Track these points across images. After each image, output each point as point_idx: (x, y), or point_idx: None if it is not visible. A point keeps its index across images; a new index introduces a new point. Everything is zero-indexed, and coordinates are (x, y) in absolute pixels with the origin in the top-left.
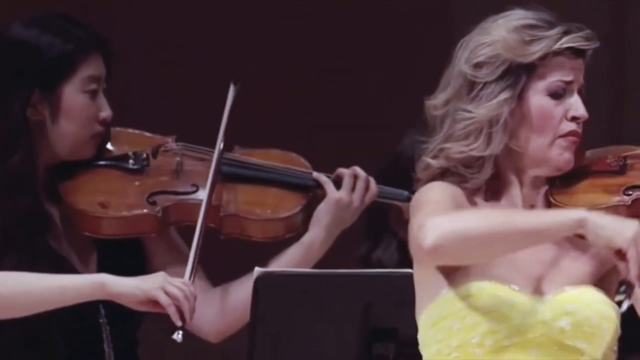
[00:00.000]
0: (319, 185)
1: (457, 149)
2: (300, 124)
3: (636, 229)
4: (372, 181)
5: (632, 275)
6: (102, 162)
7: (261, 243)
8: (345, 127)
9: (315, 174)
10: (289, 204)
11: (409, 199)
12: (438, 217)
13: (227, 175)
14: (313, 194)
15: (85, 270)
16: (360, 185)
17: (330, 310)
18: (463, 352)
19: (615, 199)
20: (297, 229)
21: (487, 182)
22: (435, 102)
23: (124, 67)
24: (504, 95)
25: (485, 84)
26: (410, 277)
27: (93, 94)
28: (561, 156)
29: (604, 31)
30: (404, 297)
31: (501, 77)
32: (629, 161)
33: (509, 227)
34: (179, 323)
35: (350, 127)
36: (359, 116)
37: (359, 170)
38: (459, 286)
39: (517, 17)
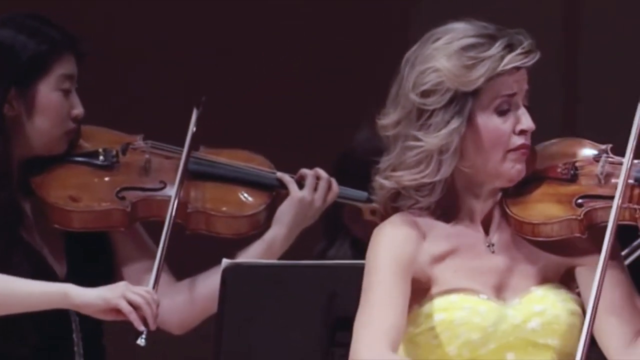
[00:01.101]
0: (282, 185)
1: (409, 177)
2: (300, 124)
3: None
4: (334, 182)
5: None
6: (73, 158)
7: (226, 239)
8: (344, 127)
9: (279, 174)
10: (254, 202)
11: (369, 200)
12: (373, 356)
13: (195, 173)
14: (277, 193)
15: (57, 263)
16: (322, 185)
17: (295, 299)
18: None
19: (569, 214)
20: (260, 226)
21: (441, 200)
22: (386, 123)
23: (126, 67)
24: (454, 124)
25: (433, 111)
26: None
27: (66, 92)
28: (513, 169)
29: (557, 37)
30: None
31: (449, 104)
32: (579, 170)
33: None
34: (141, 328)
35: (350, 127)
36: (359, 116)
37: (321, 171)
38: (430, 301)
39: (456, 36)
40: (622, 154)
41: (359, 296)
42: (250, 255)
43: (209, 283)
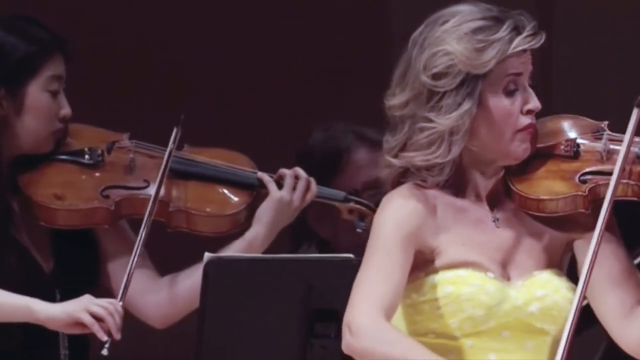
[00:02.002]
0: (262, 185)
1: (421, 158)
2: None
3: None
4: (313, 182)
5: None
6: (59, 157)
7: (207, 237)
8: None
9: (259, 174)
10: (235, 202)
11: (346, 200)
12: (367, 322)
13: (177, 173)
14: (257, 193)
15: (44, 260)
16: (301, 185)
17: (275, 292)
18: (441, 333)
19: (573, 190)
20: (241, 225)
21: (449, 177)
22: (394, 103)
23: (116, 66)
24: (465, 106)
25: (444, 93)
26: (350, 261)
27: (54, 93)
28: (520, 148)
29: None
30: (344, 280)
31: (460, 86)
32: (581, 147)
33: None
34: (104, 339)
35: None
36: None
37: (300, 170)
38: (439, 273)
39: (464, 19)
40: (620, 131)
41: (337, 289)
42: (232, 252)
43: (191, 279)
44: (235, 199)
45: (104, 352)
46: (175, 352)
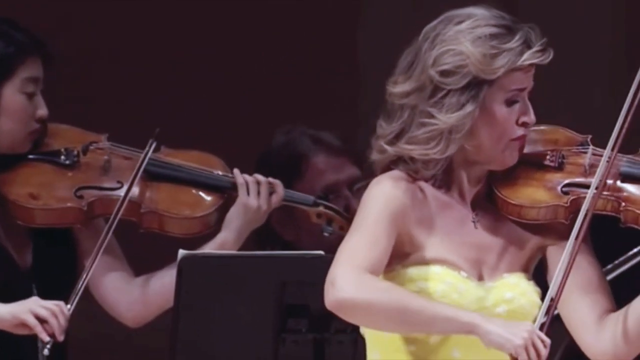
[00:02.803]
0: (233, 187)
1: (419, 152)
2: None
3: (526, 336)
4: (279, 185)
5: None
6: (36, 157)
7: (178, 238)
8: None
9: (235, 176)
10: (205, 204)
11: (315, 204)
12: (351, 275)
13: (151, 175)
14: (228, 195)
15: (21, 258)
16: (263, 190)
17: (249, 288)
18: None
19: (555, 200)
20: (211, 227)
21: (437, 173)
22: (397, 91)
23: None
24: (469, 109)
25: (449, 91)
26: (321, 258)
27: (30, 95)
28: (511, 156)
29: None
30: (315, 276)
31: (465, 87)
32: (566, 159)
33: (406, 313)
34: (46, 339)
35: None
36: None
37: (259, 176)
38: (414, 266)
39: (479, 22)
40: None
41: (308, 285)
42: None
43: (163, 281)
44: (206, 201)
45: (45, 352)
46: (150, 346)
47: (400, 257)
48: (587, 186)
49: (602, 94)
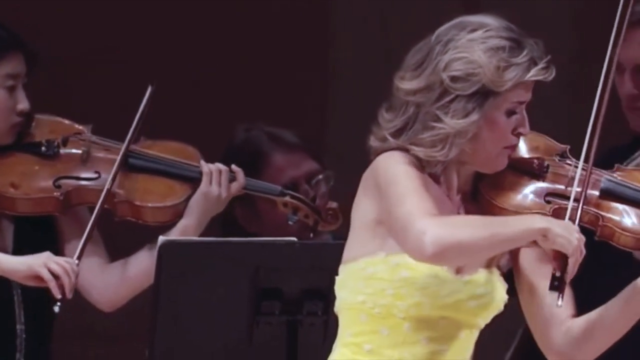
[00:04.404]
0: (202, 177)
1: (425, 154)
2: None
3: (578, 237)
4: (240, 173)
5: (569, 276)
6: (18, 147)
7: (151, 226)
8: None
9: (202, 166)
10: (176, 194)
11: (282, 194)
12: (435, 221)
13: (127, 165)
14: (198, 185)
15: (2, 244)
16: (223, 178)
17: (225, 273)
18: (386, 310)
19: (538, 208)
20: (182, 215)
21: None
22: (404, 87)
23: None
24: (474, 117)
25: (457, 96)
26: (293, 244)
27: (11, 89)
28: (502, 162)
29: None
30: (288, 262)
31: (473, 95)
32: (550, 169)
33: (492, 237)
34: (58, 296)
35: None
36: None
37: (220, 165)
38: (399, 255)
39: (492, 34)
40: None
41: (281, 270)
42: None
43: (137, 265)
44: (177, 191)
45: (56, 309)
46: (128, 328)
47: (385, 240)
48: (569, 197)
49: (566, 97)
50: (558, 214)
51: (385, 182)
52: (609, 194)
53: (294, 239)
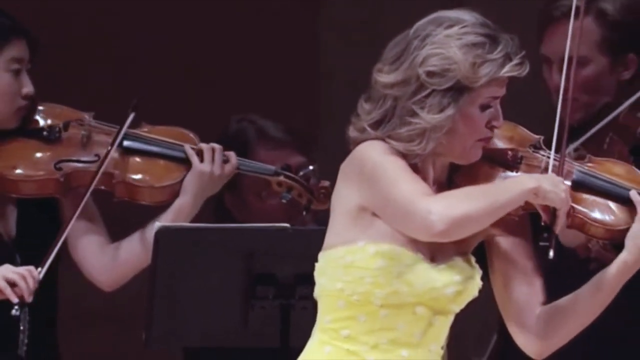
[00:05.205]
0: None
1: (404, 148)
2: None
3: (565, 188)
4: (233, 155)
5: (559, 227)
6: (22, 133)
7: (147, 206)
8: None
9: (185, 147)
10: (172, 174)
11: (276, 173)
12: (435, 199)
13: (125, 148)
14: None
15: (5, 228)
16: (217, 157)
17: (220, 258)
18: (364, 298)
19: None
20: (178, 195)
21: None
22: (383, 81)
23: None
24: (449, 112)
25: (433, 91)
26: (286, 230)
27: (16, 73)
28: (476, 154)
29: None
30: (281, 248)
31: (448, 90)
32: (523, 160)
33: (492, 205)
34: (14, 300)
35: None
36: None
37: (215, 145)
38: (377, 244)
39: (468, 30)
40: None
41: (274, 255)
42: (162, 221)
43: (129, 249)
44: (173, 171)
45: (13, 312)
46: (127, 312)
47: (363, 229)
48: None
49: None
50: (530, 204)
51: (373, 170)
52: (580, 185)
53: (287, 225)
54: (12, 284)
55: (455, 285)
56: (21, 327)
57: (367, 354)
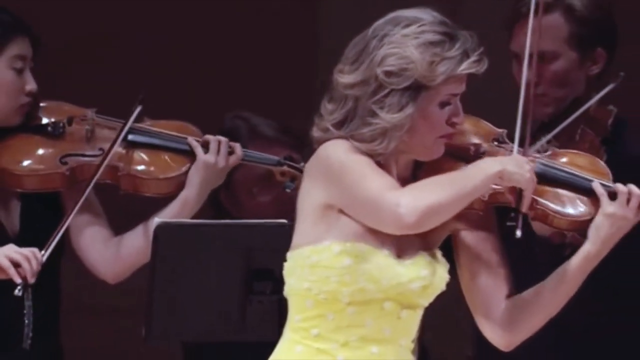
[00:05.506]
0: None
1: (367, 148)
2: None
3: (529, 168)
4: (238, 147)
5: (524, 207)
6: (26, 129)
7: (152, 198)
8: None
9: (188, 139)
10: (176, 166)
11: (279, 163)
12: (403, 192)
13: (129, 142)
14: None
15: (10, 221)
16: (222, 148)
17: (218, 253)
18: (332, 297)
19: None
20: (183, 187)
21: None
22: (344, 81)
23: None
24: (408, 110)
25: (391, 90)
26: (284, 226)
27: (19, 71)
28: (438, 150)
29: None
30: (279, 243)
31: (406, 89)
32: (485, 155)
33: (459, 192)
34: (17, 281)
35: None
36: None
37: (221, 137)
38: (341, 243)
39: (425, 28)
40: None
41: (273, 251)
42: (167, 213)
43: (130, 243)
44: (177, 163)
45: (18, 293)
46: (126, 306)
47: (328, 228)
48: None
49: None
50: (496, 198)
51: (340, 167)
52: (542, 178)
53: (285, 220)
54: (16, 265)
55: (421, 280)
56: (26, 321)
57: (337, 352)
